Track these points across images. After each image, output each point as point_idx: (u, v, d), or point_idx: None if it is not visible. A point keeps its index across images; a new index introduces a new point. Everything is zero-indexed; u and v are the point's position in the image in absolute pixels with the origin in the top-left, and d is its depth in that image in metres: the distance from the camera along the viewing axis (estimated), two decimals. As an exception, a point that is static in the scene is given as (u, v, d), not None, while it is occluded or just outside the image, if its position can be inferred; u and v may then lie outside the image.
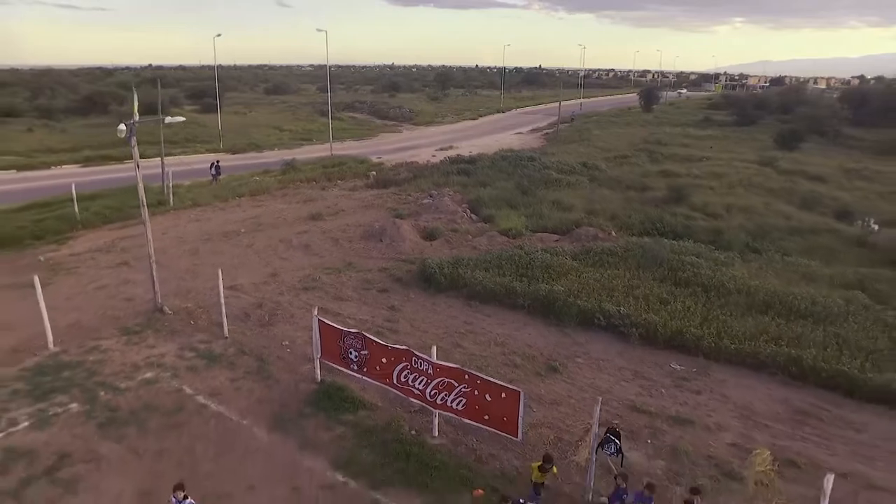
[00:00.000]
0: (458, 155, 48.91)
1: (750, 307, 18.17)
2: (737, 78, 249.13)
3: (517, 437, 11.44)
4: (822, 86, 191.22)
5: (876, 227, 30.98)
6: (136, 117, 16.56)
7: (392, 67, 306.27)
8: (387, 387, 13.08)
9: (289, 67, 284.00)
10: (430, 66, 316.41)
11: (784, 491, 11.03)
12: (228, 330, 16.77)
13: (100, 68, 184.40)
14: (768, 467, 11.61)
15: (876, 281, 20.83)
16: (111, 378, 14.47)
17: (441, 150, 54.58)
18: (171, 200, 31.90)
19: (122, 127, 16.10)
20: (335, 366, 13.97)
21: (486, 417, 11.63)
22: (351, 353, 13.38)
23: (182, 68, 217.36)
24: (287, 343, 16.47)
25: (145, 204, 17.77)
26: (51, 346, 15.84)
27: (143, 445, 12.06)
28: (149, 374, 14.69)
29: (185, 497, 9.34)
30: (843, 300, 18.63)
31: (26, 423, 12.58)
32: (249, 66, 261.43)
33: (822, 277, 21.42)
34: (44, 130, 62.40)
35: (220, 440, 12.28)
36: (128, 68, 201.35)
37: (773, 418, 13.67)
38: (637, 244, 23.43)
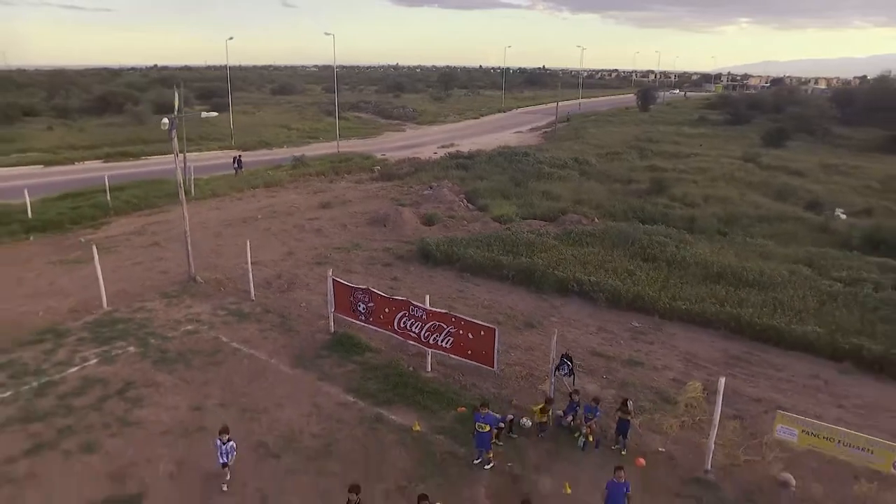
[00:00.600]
0: (457, 151, 51.66)
1: (705, 277, 20.91)
2: (739, 78, 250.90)
3: (493, 367, 14.20)
4: (822, 86, 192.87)
5: (843, 216, 33.64)
6: (177, 112, 19.38)
7: (396, 68, 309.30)
8: (389, 332, 15.86)
9: (293, 68, 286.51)
10: (434, 66, 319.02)
11: (707, 410, 13.77)
12: (254, 294, 19.60)
13: (105, 69, 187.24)
14: (698, 394, 14.41)
15: (822, 258, 23.49)
16: (158, 329, 17.31)
17: (443, 147, 57.31)
18: (193, 191, 34.71)
19: (166, 120, 18.93)
20: (346, 318, 16.76)
21: (469, 352, 14.39)
22: (360, 305, 16.18)
23: (187, 69, 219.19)
24: (304, 304, 19.31)
25: (182, 186, 20.60)
26: (105, 306, 18.69)
27: (191, 376, 14.87)
28: (189, 327, 17.52)
29: (229, 440, 11.01)
30: (787, 272, 21.33)
31: (95, 360, 15.42)
32: (254, 67, 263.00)
33: (776, 255, 24.08)
34: (62, 129, 65.38)
35: (252, 373, 15.08)
36: (133, 69, 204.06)
37: (711, 361, 16.39)
38: (613, 227, 26.17)
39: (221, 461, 11.10)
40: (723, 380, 11.31)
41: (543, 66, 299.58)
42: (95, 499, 10.66)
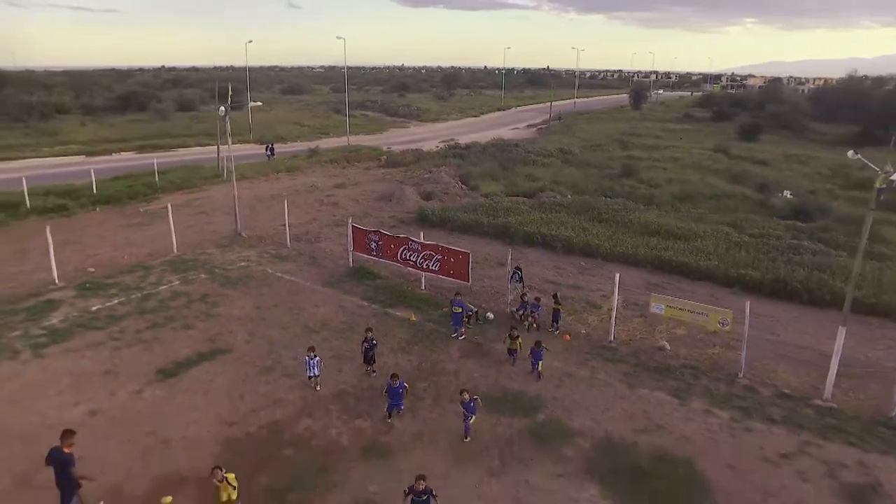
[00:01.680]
0: (456, 143, 57.10)
1: (643, 232, 26.39)
2: (739, 79, 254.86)
3: (468, 282, 19.70)
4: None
5: (791, 196, 38.92)
6: (229, 102, 24.96)
7: (401, 68, 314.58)
8: (394, 262, 21.38)
9: (300, 69, 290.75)
10: (438, 66, 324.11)
11: (623, 314, 19.19)
12: (289, 243, 25.18)
13: (113, 69, 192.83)
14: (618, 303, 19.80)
15: (745, 221, 28.87)
16: (219, 265, 22.93)
17: (444, 142, 62.66)
18: (225, 175, 40.34)
19: (223, 109, 24.52)
20: (362, 254, 22.31)
21: (451, 272, 19.90)
22: (371, 244, 21.72)
23: (195, 69, 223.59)
24: (329, 251, 24.92)
25: (232, 162, 26.15)
26: (175, 251, 24.30)
27: (249, 291, 20.45)
28: (242, 263, 23.13)
29: (315, 356, 15.03)
30: (711, 230, 26.74)
31: (178, 282, 21.03)
32: (261, 67, 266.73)
33: (709, 220, 29.48)
34: (94, 125, 71.16)
35: (294, 289, 20.66)
36: (141, 69, 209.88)
37: (635, 286, 21.82)
38: (579, 199, 31.63)
39: (310, 373, 14.08)
40: (617, 275, 16.77)
41: (548, 67, 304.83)
42: (202, 349, 16.22)
